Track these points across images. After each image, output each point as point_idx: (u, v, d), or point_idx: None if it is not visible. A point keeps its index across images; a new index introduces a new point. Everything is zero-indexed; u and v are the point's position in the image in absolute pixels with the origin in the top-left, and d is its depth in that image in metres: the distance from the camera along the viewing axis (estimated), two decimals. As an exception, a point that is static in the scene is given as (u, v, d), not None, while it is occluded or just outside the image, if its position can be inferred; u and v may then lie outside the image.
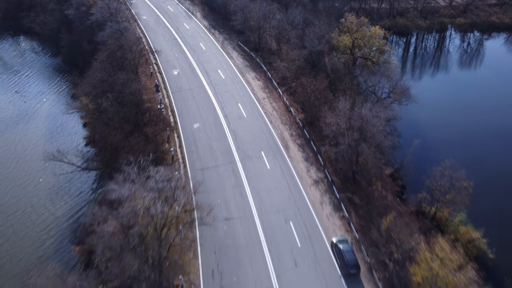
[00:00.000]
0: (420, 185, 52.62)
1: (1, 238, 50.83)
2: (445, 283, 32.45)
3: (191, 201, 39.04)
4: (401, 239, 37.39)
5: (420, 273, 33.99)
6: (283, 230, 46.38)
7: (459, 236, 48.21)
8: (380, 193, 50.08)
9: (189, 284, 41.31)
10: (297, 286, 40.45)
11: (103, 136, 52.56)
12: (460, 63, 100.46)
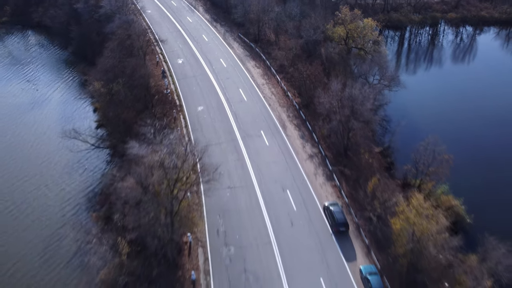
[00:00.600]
0: (407, 161, 57.49)
1: (27, 208, 55.58)
2: (420, 229, 37.48)
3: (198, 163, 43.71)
4: (384, 197, 42.53)
5: (399, 223, 39.06)
6: (280, 197, 51.40)
7: (440, 203, 53.06)
8: (367, 162, 55.15)
9: (196, 241, 46.33)
10: (293, 241, 45.46)
11: (116, 114, 57.56)
12: (450, 55, 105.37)
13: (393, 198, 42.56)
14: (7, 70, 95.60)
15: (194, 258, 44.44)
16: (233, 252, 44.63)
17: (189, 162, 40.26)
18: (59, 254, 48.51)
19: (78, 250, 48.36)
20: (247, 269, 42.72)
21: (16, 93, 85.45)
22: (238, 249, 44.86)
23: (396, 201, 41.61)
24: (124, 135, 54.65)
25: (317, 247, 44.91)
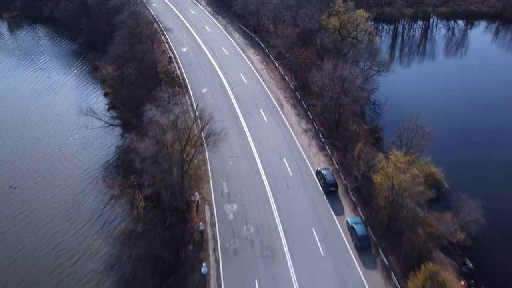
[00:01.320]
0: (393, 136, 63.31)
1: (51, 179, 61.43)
2: (398, 182, 43.42)
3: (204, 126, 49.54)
4: (368, 158, 48.53)
5: (379, 177, 45.03)
6: (278, 164, 57.37)
7: (422, 171, 58.97)
8: (356, 133, 61.17)
9: (203, 200, 52.30)
10: (289, 200, 51.43)
11: (129, 92, 63.42)
12: (439, 47, 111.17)
13: (376, 158, 48.55)
14: (22, 60, 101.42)
15: (202, 213, 50.42)
16: (235, 209, 50.61)
17: (197, 124, 46.20)
18: (82, 214, 54.46)
19: (99, 209, 54.59)
20: (248, 221, 48.70)
21: (32, 80, 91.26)
22: (240, 207, 50.84)
23: (377, 160, 47.59)
24: (136, 110, 60.46)
25: (310, 204, 50.89)
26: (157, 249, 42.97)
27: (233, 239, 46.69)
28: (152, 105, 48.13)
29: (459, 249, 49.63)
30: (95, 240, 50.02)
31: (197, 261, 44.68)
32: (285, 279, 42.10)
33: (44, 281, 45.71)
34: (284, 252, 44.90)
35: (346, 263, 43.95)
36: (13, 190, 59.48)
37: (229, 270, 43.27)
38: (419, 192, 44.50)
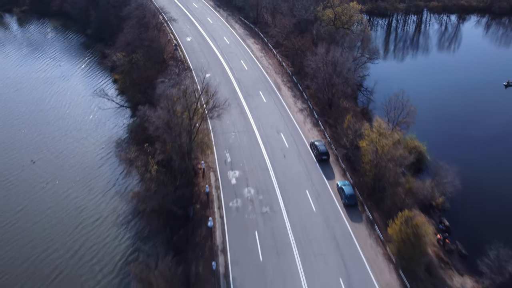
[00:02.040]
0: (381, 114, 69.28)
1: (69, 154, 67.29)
2: (380, 145, 49.35)
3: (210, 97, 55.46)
4: (355, 127, 54.51)
5: (365, 143, 50.96)
6: (275, 137, 63.33)
7: (407, 146, 64.84)
8: (346, 108, 67.03)
9: (208, 167, 58.24)
10: (285, 168, 57.35)
11: (139, 74, 69.28)
12: (429, 39, 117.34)
13: (362, 127, 54.50)
14: (35, 51, 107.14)
15: (207, 178, 56.35)
16: (237, 175, 56.53)
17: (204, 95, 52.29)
18: (100, 182, 60.48)
19: (115, 176, 60.60)
20: (249, 185, 54.64)
21: (45, 69, 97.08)
22: (241, 173, 56.76)
23: (364, 128, 53.55)
24: (146, 91, 66.33)
25: (304, 170, 56.84)
26: (168, 204, 48.87)
27: (235, 199, 52.62)
28: (164, 78, 53.94)
29: (438, 211, 55.48)
30: (113, 202, 56.05)
31: (204, 217, 50.59)
32: (281, 231, 48.02)
33: (70, 238, 51.49)
34: (280, 209, 50.83)
35: (336, 218, 49.90)
36: (35, 164, 65.21)
37: (232, 224, 49.18)
38: (400, 155, 50.41)
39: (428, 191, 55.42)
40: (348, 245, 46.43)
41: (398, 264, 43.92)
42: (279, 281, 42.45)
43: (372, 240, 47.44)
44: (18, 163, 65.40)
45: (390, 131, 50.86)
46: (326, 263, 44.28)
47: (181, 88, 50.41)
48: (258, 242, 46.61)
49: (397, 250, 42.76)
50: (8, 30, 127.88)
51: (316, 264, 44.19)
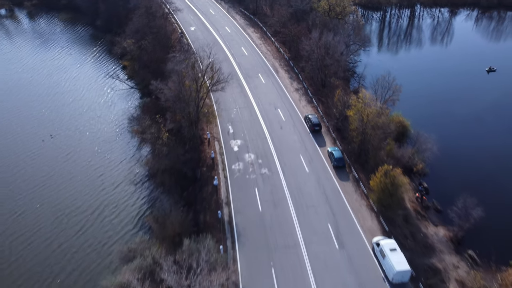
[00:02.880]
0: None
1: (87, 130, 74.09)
2: (365, 114, 56.08)
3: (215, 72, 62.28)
4: (344, 100, 61.25)
5: (352, 112, 57.72)
6: (273, 112, 70.08)
7: (393, 121, 71.47)
8: (336, 85, 73.72)
9: (213, 138, 64.98)
10: (282, 137, 64.09)
11: (150, 56, 75.94)
12: (419, 30, 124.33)
13: (350, 99, 61.27)
14: (47, 42, 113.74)
15: (212, 146, 63.08)
16: (239, 143, 63.27)
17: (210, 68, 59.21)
18: (117, 151, 67.26)
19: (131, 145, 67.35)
20: (249, 151, 61.40)
21: (58, 57, 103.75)
22: (243, 141, 63.52)
23: (351, 99, 60.32)
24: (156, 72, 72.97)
25: (298, 139, 63.63)
26: (179, 165, 55.61)
27: (237, 162, 59.38)
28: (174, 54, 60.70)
29: (418, 175, 62.29)
30: (129, 168, 62.88)
31: (210, 177, 57.33)
32: (278, 188, 54.77)
33: (93, 199, 58.17)
34: (278, 170, 57.59)
35: (326, 177, 56.68)
36: (55, 138, 71.81)
37: (235, 183, 55.93)
38: (382, 123, 57.18)
39: (409, 157, 62.36)
40: (336, 199, 53.22)
41: (379, 213, 50.73)
42: (276, 227, 49.21)
43: (357, 195, 54.24)
44: (39, 138, 72.00)
45: (374, 101, 57.50)
46: (317, 213, 51.04)
47: (189, 63, 57.07)
48: (257, 197, 53.38)
49: (378, 199, 49.54)
50: (21, 23, 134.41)
51: (308, 213, 50.94)
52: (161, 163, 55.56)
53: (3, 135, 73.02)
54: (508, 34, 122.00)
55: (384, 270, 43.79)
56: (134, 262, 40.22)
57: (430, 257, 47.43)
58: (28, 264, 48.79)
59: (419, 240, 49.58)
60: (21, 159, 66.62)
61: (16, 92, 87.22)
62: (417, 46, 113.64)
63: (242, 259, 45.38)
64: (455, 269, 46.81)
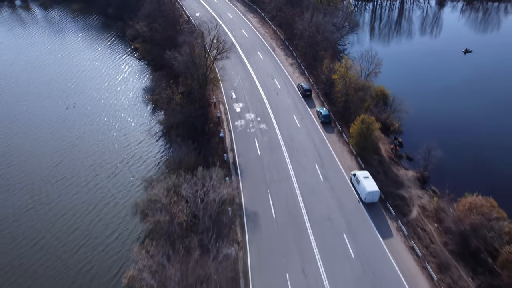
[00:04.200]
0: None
1: (104, 99, 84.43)
2: (348, 77, 66.53)
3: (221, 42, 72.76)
4: (330, 67, 71.77)
5: (336, 76, 68.19)
6: (270, 82, 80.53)
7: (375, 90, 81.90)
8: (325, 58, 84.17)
9: (218, 102, 75.38)
10: (278, 101, 74.55)
11: (161, 35, 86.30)
12: (407, 19, 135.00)
13: (335, 65, 71.78)
14: (62, 30, 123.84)
15: (218, 108, 73.48)
16: (241, 105, 73.69)
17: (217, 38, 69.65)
18: (135, 114, 77.51)
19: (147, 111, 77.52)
20: (250, 111, 71.82)
21: (75, 42, 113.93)
22: (244, 104, 73.95)
23: (336, 66, 70.81)
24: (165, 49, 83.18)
25: (292, 102, 74.10)
26: (191, 119, 66.02)
27: (240, 120, 69.81)
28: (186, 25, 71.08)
29: (394, 132, 72.84)
30: (149, 127, 73.25)
31: (216, 131, 67.77)
32: (274, 138, 65.19)
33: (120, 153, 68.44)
34: (274, 126, 68.03)
35: (314, 130, 67.17)
36: (76, 107, 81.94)
37: (238, 135, 66.34)
38: (362, 84, 67.68)
39: (387, 117, 72.97)
40: (322, 146, 63.71)
41: (357, 155, 61.24)
42: (272, 166, 59.67)
43: (340, 143, 64.76)
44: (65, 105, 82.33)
45: (356, 68, 68.05)
46: (306, 156, 61.52)
47: (198, 35, 67.52)
48: (257, 145, 63.86)
49: (356, 142, 60.06)
50: (35, 13, 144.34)
51: (299, 156, 61.41)
52: (175, 118, 65.95)
53: (36, 104, 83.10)
54: (488, 22, 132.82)
55: (359, 193, 54.32)
56: (159, 184, 50.49)
57: (398, 189, 57.85)
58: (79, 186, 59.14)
59: (390, 177, 60.04)
60: (54, 122, 76.84)
61: (42, 70, 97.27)
62: (404, 32, 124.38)
63: (245, 188, 55.85)
64: (419, 199, 57.21)
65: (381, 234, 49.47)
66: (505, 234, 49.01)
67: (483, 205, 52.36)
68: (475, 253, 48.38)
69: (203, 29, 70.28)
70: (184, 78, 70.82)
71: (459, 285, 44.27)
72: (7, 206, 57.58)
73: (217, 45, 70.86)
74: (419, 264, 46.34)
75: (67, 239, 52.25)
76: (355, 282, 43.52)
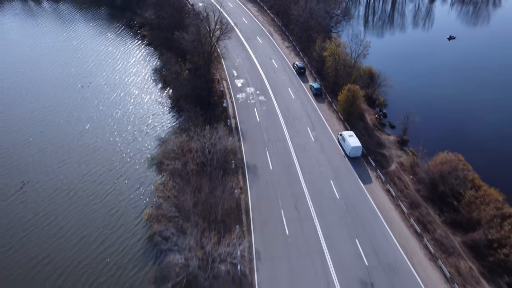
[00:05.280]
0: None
1: (118, 77, 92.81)
2: (337, 54, 74.95)
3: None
4: (322, 46, 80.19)
5: (327, 53, 76.62)
6: (268, 62, 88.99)
7: (364, 70, 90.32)
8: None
9: (221, 78, 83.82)
10: (275, 77, 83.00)
11: (168, 22, 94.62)
12: (398, 11, 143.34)
13: (326, 44, 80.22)
14: (73, 20, 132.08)
15: (221, 84, 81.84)
16: (242, 81, 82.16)
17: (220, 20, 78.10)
18: (148, 91, 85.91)
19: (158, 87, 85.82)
20: (250, 86, 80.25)
21: (87, 31, 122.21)
22: (245, 80, 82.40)
23: (327, 44, 79.24)
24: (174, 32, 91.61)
25: (287, 78, 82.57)
26: (198, 90, 74.44)
27: (241, 93, 78.24)
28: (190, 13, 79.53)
29: (380, 105, 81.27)
30: (161, 100, 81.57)
31: (220, 103, 76.15)
32: (271, 108, 73.60)
33: (136, 123, 76.84)
34: (271, 98, 76.44)
35: (307, 101, 75.62)
36: (89, 86, 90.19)
37: (240, 105, 74.72)
38: (350, 61, 76.12)
39: (373, 92, 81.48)
40: (314, 113, 72.16)
41: (344, 120, 69.69)
42: (270, 130, 68.07)
43: (330, 112, 73.24)
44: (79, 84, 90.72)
45: (345, 46, 76.54)
46: (299, 122, 69.98)
47: (204, 15, 75.90)
48: (256, 113, 72.29)
49: (343, 108, 68.55)
50: (44, 5, 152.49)
51: (293, 122, 69.85)
52: (184, 89, 74.32)
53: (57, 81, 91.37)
54: (475, 14, 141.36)
55: (344, 149, 62.80)
56: (172, 141, 58.88)
57: (380, 149, 66.33)
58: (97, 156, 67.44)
59: (373, 139, 68.50)
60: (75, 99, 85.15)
61: (61, 54, 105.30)
62: (394, 22, 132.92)
63: (246, 147, 64.28)
64: (398, 157, 65.67)
65: (362, 180, 57.98)
66: (469, 181, 57.56)
67: (452, 160, 60.83)
68: (442, 196, 56.84)
69: (208, 11, 78.62)
70: (191, 56, 79.23)
71: (427, 219, 52.72)
72: (45, 164, 65.60)
73: (220, 26, 79.25)
74: (393, 202, 54.85)
75: (96, 188, 60.40)
76: (339, 216, 51.97)
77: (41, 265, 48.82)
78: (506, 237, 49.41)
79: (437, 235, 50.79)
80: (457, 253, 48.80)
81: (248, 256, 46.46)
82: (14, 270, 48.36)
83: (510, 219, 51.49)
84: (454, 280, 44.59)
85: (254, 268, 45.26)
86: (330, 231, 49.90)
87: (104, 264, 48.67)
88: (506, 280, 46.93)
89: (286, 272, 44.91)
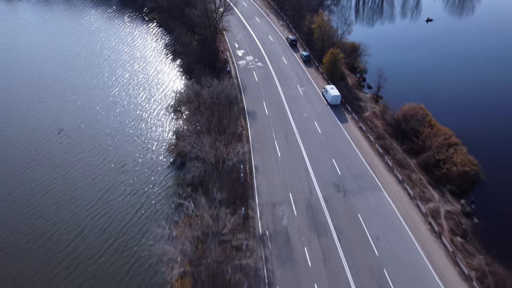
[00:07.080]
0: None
1: (136, 56, 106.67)
2: (323, 26, 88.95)
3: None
4: (311, 20, 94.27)
5: (315, 25, 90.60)
6: (265, 37, 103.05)
7: (349, 45, 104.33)
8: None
9: (225, 49, 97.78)
10: (271, 48, 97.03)
11: (177, 2, 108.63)
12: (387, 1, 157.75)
13: (314, 19, 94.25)
14: (88, 8, 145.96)
15: (224, 53, 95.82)
16: (242, 51, 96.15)
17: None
18: (161, 62, 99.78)
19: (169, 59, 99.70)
20: (249, 55, 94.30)
21: (102, 16, 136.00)
22: (245, 51, 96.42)
23: (315, 19, 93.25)
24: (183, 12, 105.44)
25: (281, 49, 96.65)
26: (205, 56, 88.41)
27: (242, 60, 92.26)
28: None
29: (360, 71, 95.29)
30: (174, 69, 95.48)
31: (224, 68, 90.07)
32: (268, 72, 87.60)
33: (154, 91, 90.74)
34: (268, 64, 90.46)
35: (298, 66, 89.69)
36: (112, 59, 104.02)
37: (241, 70, 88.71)
38: (334, 31, 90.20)
39: (354, 60, 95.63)
40: (303, 75, 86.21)
41: (328, 80, 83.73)
42: (266, 87, 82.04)
43: (317, 74, 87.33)
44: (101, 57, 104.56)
45: (329, 17, 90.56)
46: (291, 81, 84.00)
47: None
48: (255, 74, 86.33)
49: (326, 68, 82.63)
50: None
51: (285, 81, 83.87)
52: (194, 55, 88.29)
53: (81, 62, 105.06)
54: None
55: (326, 99, 76.84)
56: (186, 91, 72.74)
57: (357, 102, 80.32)
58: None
59: (352, 95, 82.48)
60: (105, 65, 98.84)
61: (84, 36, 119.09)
62: (379, 6, 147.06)
63: (246, 99, 78.23)
64: (372, 108, 79.62)
65: (340, 120, 72.05)
66: (426, 122, 71.56)
67: (415, 107, 74.83)
68: (405, 134, 70.78)
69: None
70: (199, 29, 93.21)
71: (390, 147, 66.71)
72: (80, 114, 79.41)
73: (223, 3, 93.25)
74: (364, 135, 68.92)
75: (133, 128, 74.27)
76: (320, 144, 65.93)
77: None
78: (450, 157, 63.50)
79: (396, 158, 64.78)
80: (411, 169, 62.81)
81: (248, 166, 60.48)
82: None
83: (454, 146, 65.67)
84: (406, 183, 58.57)
85: (253, 176, 59.22)
86: (312, 154, 63.84)
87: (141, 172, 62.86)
88: (448, 188, 60.90)
89: (278, 179, 58.85)
